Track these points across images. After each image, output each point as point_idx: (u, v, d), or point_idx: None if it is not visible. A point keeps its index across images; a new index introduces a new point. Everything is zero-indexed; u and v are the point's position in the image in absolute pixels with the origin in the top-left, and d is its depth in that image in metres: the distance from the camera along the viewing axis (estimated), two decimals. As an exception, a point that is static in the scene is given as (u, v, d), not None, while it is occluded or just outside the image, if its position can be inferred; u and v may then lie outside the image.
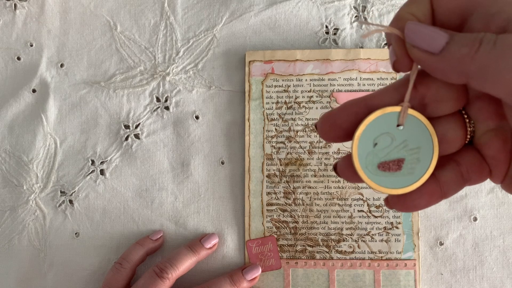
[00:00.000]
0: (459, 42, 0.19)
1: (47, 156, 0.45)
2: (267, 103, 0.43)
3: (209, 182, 0.44)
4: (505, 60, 0.17)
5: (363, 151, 0.21)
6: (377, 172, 0.21)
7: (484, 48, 0.18)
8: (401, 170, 0.21)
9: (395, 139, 0.21)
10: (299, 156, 0.43)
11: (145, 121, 0.45)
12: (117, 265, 0.40)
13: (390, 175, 0.21)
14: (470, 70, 0.18)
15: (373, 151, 0.21)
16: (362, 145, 0.21)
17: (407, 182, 0.21)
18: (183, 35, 0.45)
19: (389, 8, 0.44)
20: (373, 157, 0.21)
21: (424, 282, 0.41)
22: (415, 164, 0.21)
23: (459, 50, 0.18)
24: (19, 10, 0.46)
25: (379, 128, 0.21)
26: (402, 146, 0.21)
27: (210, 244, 0.41)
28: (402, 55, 0.20)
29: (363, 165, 0.21)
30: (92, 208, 0.44)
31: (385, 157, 0.21)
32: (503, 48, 0.18)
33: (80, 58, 0.46)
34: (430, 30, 0.19)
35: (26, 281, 0.43)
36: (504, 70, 0.17)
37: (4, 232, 0.44)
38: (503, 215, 0.41)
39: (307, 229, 0.42)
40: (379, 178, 0.21)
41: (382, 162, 0.21)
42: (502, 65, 0.17)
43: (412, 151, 0.21)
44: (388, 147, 0.21)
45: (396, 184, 0.21)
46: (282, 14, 0.45)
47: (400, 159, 0.21)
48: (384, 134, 0.21)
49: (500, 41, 0.18)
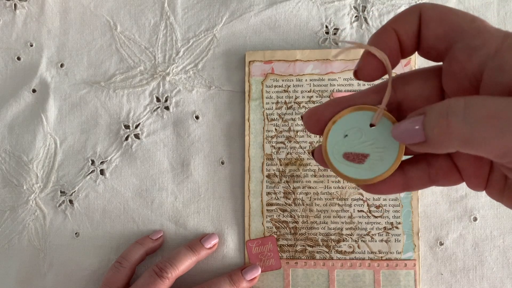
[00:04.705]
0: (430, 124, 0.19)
1: (47, 156, 0.45)
2: (267, 103, 0.43)
3: (209, 182, 0.44)
4: (479, 134, 0.17)
5: (333, 139, 0.23)
6: (342, 161, 0.23)
7: (455, 123, 0.18)
8: (363, 164, 0.23)
9: (365, 135, 0.23)
10: (299, 156, 0.43)
11: (145, 121, 0.45)
12: (117, 264, 0.40)
13: (353, 165, 0.23)
14: (452, 145, 0.18)
15: (342, 141, 0.23)
16: (334, 134, 0.23)
17: (366, 175, 0.23)
18: (183, 35, 0.45)
19: (389, 8, 0.44)
20: (341, 146, 0.23)
21: (424, 282, 0.41)
22: (377, 162, 0.23)
23: (434, 133, 0.19)
24: (19, 10, 0.46)
25: (353, 122, 0.23)
26: (370, 143, 0.23)
27: (210, 244, 0.41)
28: (363, 67, 0.22)
29: (330, 151, 0.23)
30: (92, 208, 0.44)
31: (352, 149, 0.23)
32: (474, 121, 0.17)
33: (80, 58, 0.46)
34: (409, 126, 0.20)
35: (26, 281, 0.43)
36: (483, 142, 0.17)
37: (4, 232, 0.44)
38: (503, 215, 0.41)
39: (307, 229, 0.42)
40: (342, 166, 0.23)
41: (347, 153, 0.23)
42: (478, 139, 0.17)
43: (378, 150, 0.23)
44: (357, 141, 0.23)
45: (356, 174, 0.23)
46: (282, 14, 0.45)
47: (365, 154, 0.23)
48: (356, 129, 0.23)
49: (469, 112, 0.18)
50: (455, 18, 0.20)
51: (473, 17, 0.20)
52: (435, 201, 0.42)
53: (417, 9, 0.21)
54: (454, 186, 0.42)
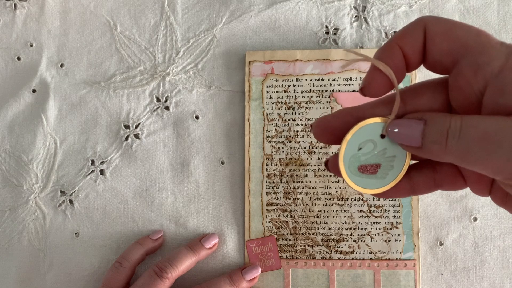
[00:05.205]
0: (429, 135, 0.20)
1: (47, 156, 0.45)
2: (267, 103, 0.43)
3: (209, 182, 0.44)
4: (472, 154, 0.18)
5: (348, 153, 0.24)
6: (356, 173, 0.24)
7: (451, 143, 0.19)
8: (376, 174, 0.24)
9: (377, 146, 0.24)
10: (299, 156, 0.43)
11: (145, 121, 0.45)
12: (117, 264, 0.40)
13: (366, 176, 0.24)
14: (447, 159, 0.20)
15: (357, 154, 0.24)
16: (348, 148, 0.24)
17: (378, 185, 0.24)
18: (183, 35, 0.45)
19: (389, 8, 0.44)
20: (355, 159, 0.24)
21: (424, 282, 0.41)
22: (388, 171, 0.24)
23: (432, 147, 0.20)
24: (19, 10, 0.46)
25: (365, 135, 0.24)
26: (382, 153, 0.24)
27: (210, 244, 0.41)
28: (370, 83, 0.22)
29: (346, 165, 0.24)
30: (92, 208, 0.44)
31: (365, 161, 0.24)
32: (467, 142, 0.19)
33: (80, 58, 0.46)
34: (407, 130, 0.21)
35: (26, 281, 0.43)
36: (474, 161, 0.19)
37: (4, 232, 0.44)
38: (503, 215, 0.41)
39: (307, 229, 0.42)
40: (356, 178, 0.24)
41: (362, 165, 0.24)
42: (471, 158, 0.19)
43: (389, 159, 0.24)
44: (370, 152, 0.24)
45: (369, 185, 0.25)
46: (282, 14, 0.45)
47: (378, 164, 0.24)
48: (368, 141, 0.24)
49: (463, 133, 0.19)
50: (460, 32, 0.20)
51: (478, 31, 0.20)
52: (435, 201, 0.42)
53: (421, 24, 0.21)
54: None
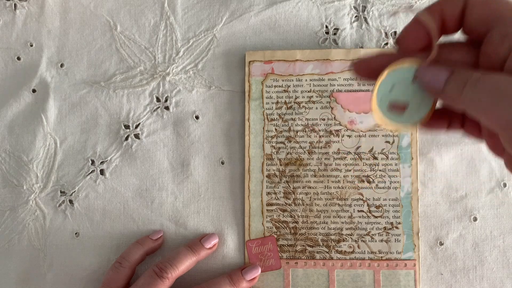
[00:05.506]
0: (451, 82, 0.23)
1: (47, 156, 0.45)
2: (267, 103, 0.43)
3: (209, 182, 0.44)
4: (481, 103, 0.21)
5: (380, 91, 0.27)
6: (385, 110, 0.27)
7: (467, 91, 0.21)
8: (403, 112, 0.27)
9: (408, 88, 0.27)
10: (299, 156, 0.43)
11: (145, 121, 0.45)
12: (117, 264, 0.40)
13: (393, 114, 0.27)
14: (459, 107, 0.22)
15: (389, 93, 0.27)
16: (382, 86, 0.27)
17: (404, 122, 0.27)
18: (183, 35, 0.45)
19: (389, 8, 0.44)
20: (387, 97, 0.27)
21: (424, 282, 0.41)
22: (414, 112, 0.27)
23: (451, 92, 0.22)
24: (19, 10, 0.46)
25: (399, 76, 0.26)
26: (412, 95, 0.27)
27: (210, 244, 0.41)
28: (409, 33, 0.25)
29: (378, 101, 0.27)
30: (92, 208, 0.44)
31: (395, 100, 0.27)
32: (479, 92, 0.21)
33: (80, 58, 0.46)
34: (434, 75, 0.24)
35: (26, 281, 0.43)
36: (481, 111, 0.21)
37: (4, 232, 0.44)
38: (503, 215, 0.41)
39: (307, 229, 0.42)
40: (386, 114, 0.27)
41: (392, 103, 0.27)
42: (479, 107, 0.21)
43: (416, 101, 0.27)
44: (401, 93, 0.27)
45: (396, 121, 0.27)
46: (282, 14, 0.45)
47: (406, 104, 0.27)
48: (401, 82, 0.27)
49: (481, 84, 0.21)
50: (497, 5, 0.23)
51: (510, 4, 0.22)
52: (435, 201, 0.42)
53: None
54: (454, 185, 0.43)
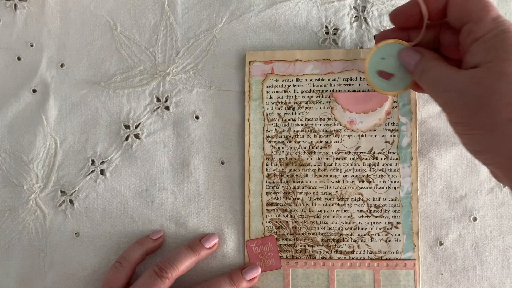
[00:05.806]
0: (418, 66, 0.31)
1: (47, 156, 0.45)
2: (267, 103, 0.43)
3: (209, 182, 0.44)
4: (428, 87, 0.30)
5: (374, 58, 0.35)
6: (374, 75, 0.35)
7: (424, 75, 0.30)
8: (389, 80, 0.34)
9: (395, 62, 0.34)
10: (299, 156, 0.43)
11: (145, 121, 0.45)
12: (117, 264, 0.40)
13: (381, 80, 0.35)
14: (422, 86, 0.31)
15: (379, 61, 0.34)
16: (375, 55, 0.34)
17: (388, 89, 0.35)
18: (183, 35, 0.45)
19: (389, 8, 0.44)
20: (377, 65, 0.35)
21: (424, 282, 0.41)
22: (398, 82, 0.34)
23: (416, 73, 0.31)
24: (19, 10, 0.46)
25: (389, 50, 0.34)
26: (398, 67, 0.34)
27: (210, 244, 0.41)
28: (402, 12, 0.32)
29: (370, 67, 0.35)
30: (92, 208, 0.44)
31: (384, 68, 0.34)
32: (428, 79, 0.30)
33: (80, 58, 0.46)
34: (409, 54, 0.32)
35: (26, 281, 0.43)
36: (428, 92, 0.31)
37: (4, 232, 0.44)
38: (503, 215, 0.41)
39: (307, 229, 0.42)
40: (374, 79, 0.35)
41: (380, 70, 0.35)
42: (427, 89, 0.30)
43: (400, 73, 0.34)
44: (389, 64, 0.34)
45: (381, 87, 0.35)
46: (282, 14, 0.45)
47: (392, 74, 0.34)
48: (391, 55, 0.34)
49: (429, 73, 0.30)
50: (471, 4, 0.28)
51: (484, 6, 0.28)
52: (435, 201, 0.42)
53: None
54: (454, 185, 0.43)
